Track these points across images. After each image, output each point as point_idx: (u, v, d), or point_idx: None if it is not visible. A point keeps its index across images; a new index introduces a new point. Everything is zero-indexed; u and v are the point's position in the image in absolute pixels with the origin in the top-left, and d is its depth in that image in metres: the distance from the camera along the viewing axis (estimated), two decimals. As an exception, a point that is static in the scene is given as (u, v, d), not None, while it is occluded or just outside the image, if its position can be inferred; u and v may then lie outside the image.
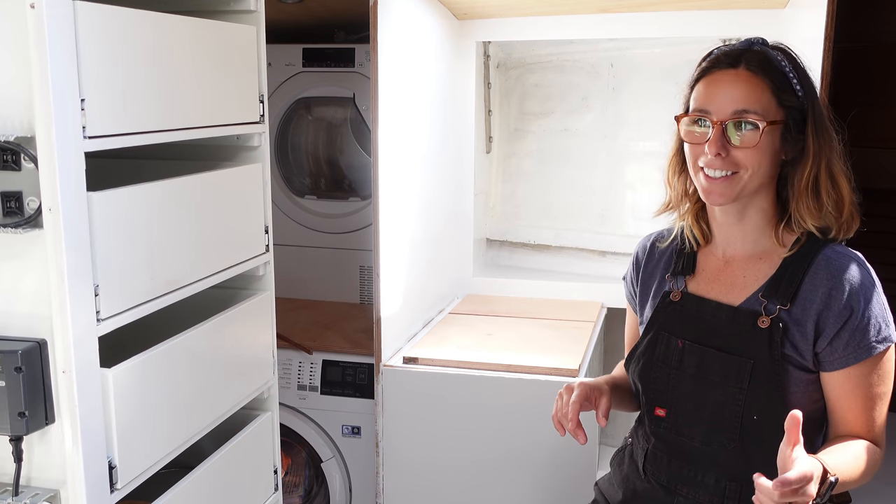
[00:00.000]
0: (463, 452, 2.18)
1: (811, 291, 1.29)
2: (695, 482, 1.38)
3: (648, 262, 1.54)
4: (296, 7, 2.75)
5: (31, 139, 1.16)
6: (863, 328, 1.27)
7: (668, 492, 1.41)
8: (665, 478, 1.42)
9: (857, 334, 1.27)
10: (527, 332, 2.46)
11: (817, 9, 1.90)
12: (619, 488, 1.53)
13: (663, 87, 2.78)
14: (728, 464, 1.33)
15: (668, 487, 1.41)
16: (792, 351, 1.29)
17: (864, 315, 1.27)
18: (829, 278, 1.29)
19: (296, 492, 2.70)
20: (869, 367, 1.28)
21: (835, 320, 1.27)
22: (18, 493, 1.24)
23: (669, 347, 1.40)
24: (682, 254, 1.47)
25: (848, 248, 1.34)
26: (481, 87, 2.89)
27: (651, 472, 1.45)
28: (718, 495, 1.35)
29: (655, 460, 1.44)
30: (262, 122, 1.76)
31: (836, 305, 1.27)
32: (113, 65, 1.27)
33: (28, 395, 1.19)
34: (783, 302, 1.29)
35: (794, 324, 1.29)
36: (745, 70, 1.30)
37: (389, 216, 2.20)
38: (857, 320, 1.27)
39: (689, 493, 1.38)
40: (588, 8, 2.53)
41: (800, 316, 1.29)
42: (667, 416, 1.40)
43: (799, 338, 1.29)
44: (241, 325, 1.72)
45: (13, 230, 1.18)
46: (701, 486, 1.37)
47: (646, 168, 2.89)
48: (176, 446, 1.47)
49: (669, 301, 1.44)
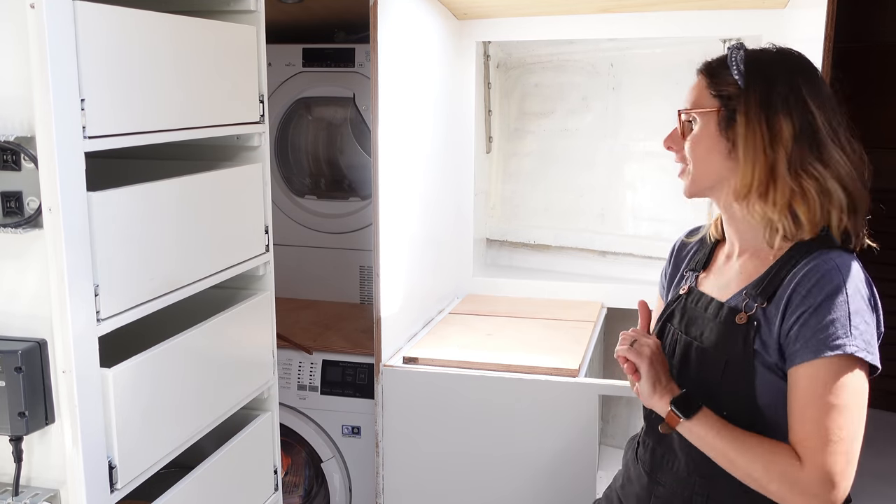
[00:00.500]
0: (463, 452, 2.18)
1: (785, 289, 1.26)
2: (671, 472, 1.39)
3: (678, 256, 1.57)
4: (296, 7, 2.75)
5: (31, 139, 1.16)
6: (818, 326, 1.20)
7: (650, 479, 1.44)
8: (649, 465, 1.44)
9: (809, 331, 1.21)
10: (527, 332, 2.46)
11: (817, 9, 1.90)
12: (622, 474, 1.56)
13: (663, 87, 2.78)
14: (699, 458, 1.33)
15: (650, 475, 1.44)
16: (761, 347, 1.27)
17: (822, 312, 1.20)
18: (803, 274, 1.25)
19: (296, 492, 2.70)
20: (818, 371, 1.20)
21: (793, 310, 1.23)
22: (18, 493, 1.24)
23: (671, 339, 1.43)
24: (701, 249, 1.51)
25: (849, 257, 1.27)
26: (481, 87, 2.89)
27: (641, 457, 1.48)
28: (689, 489, 1.36)
29: (644, 447, 1.47)
30: (262, 122, 1.76)
31: (798, 296, 1.23)
32: (113, 65, 1.27)
33: (28, 395, 1.19)
34: (761, 300, 1.28)
35: (766, 322, 1.27)
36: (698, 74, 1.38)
37: (389, 216, 2.20)
38: (814, 316, 1.21)
39: (666, 483, 1.40)
40: (588, 8, 2.53)
41: (772, 313, 1.27)
42: None
43: (767, 334, 1.27)
44: (241, 325, 1.72)
45: (13, 230, 1.18)
46: (675, 477, 1.39)
47: (646, 168, 2.89)
48: (176, 446, 1.47)
49: (678, 294, 1.47)
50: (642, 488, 1.45)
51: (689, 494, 1.36)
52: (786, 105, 1.28)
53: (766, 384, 1.27)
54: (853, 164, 1.29)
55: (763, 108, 1.28)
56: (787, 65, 1.32)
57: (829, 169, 1.27)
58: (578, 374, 2.14)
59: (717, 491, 1.32)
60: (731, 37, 2.62)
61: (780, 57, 1.34)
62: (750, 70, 1.31)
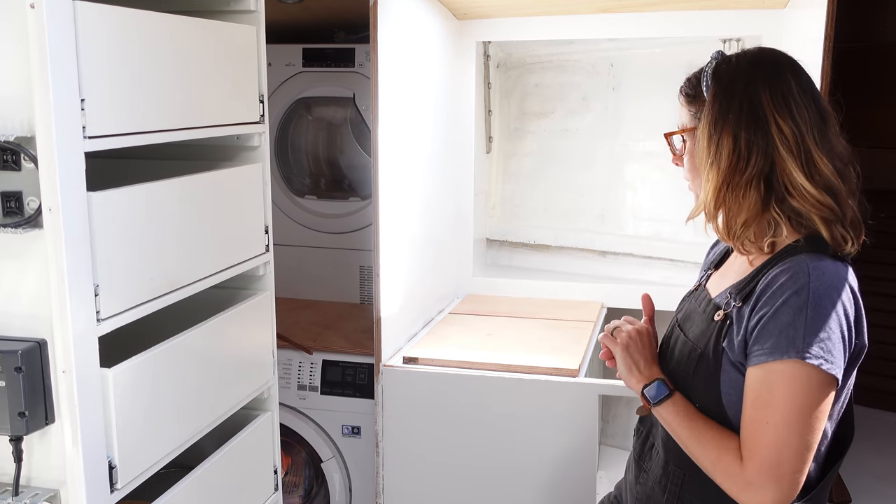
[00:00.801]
0: (463, 452, 2.18)
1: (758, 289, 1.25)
2: (655, 461, 1.42)
3: (708, 254, 1.59)
4: (296, 7, 2.75)
5: (31, 139, 1.16)
6: (774, 329, 1.18)
7: (637, 465, 1.47)
8: (638, 452, 1.47)
9: (766, 333, 1.19)
10: (527, 332, 2.46)
11: (817, 9, 1.90)
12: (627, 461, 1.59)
13: (663, 87, 2.78)
14: (674, 447, 1.35)
15: (638, 461, 1.47)
16: (728, 346, 1.27)
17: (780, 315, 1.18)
18: (775, 275, 1.22)
19: (296, 492, 2.70)
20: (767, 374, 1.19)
21: (756, 311, 1.22)
22: (18, 493, 1.24)
23: (673, 332, 1.45)
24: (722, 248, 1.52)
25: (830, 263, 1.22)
26: (481, 87, 2.89)
27: (635, 444, 1.50)
28: (666, 477, 1.38)
29: (639, 434, 1.49)
30: (262, 122, 1.76)
31: (764, 296, 1.22)
32: (113, 65, 1.27)
33: (28, 395, 1.19)
34: (738, 300, 1.28)
35: (737, 321, 1.27)
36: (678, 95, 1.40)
37: (389, 216, 2.20)
38: (773, 319, 1.19)
39: (650, 470, 1.43)
40: (588, 8, 2.53)
41: (744, 313, 1.26)
42: None
43: (735, 333, 1.27)
44: (241, 325, 1.72)
45: (13, 230, 1.18)
46: (657, 465, 1.41)
47: (646, 168, 2.89)
48: (176, 446, 1.47)
49: (689, 290, 1.50)
50: (634, 475, 1.48)
51: (665, 482, 1.38)
52: (737, 121, 1.25)
53: (729, 381, 1.27)
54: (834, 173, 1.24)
55: (714, 124, 1.26)
56: (754, 73, 1.27)
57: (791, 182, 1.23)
58: (578, 374, 2.14)
59: (690, 480, 1.34)
60: (731, 37, 2.62)
61: (749, 65, 1.29)
62: (715, 84, 1.29)
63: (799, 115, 1.24)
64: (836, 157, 1.26)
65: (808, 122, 1.25)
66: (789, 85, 1.26)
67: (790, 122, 1.24)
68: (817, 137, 1.25)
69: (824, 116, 1.27)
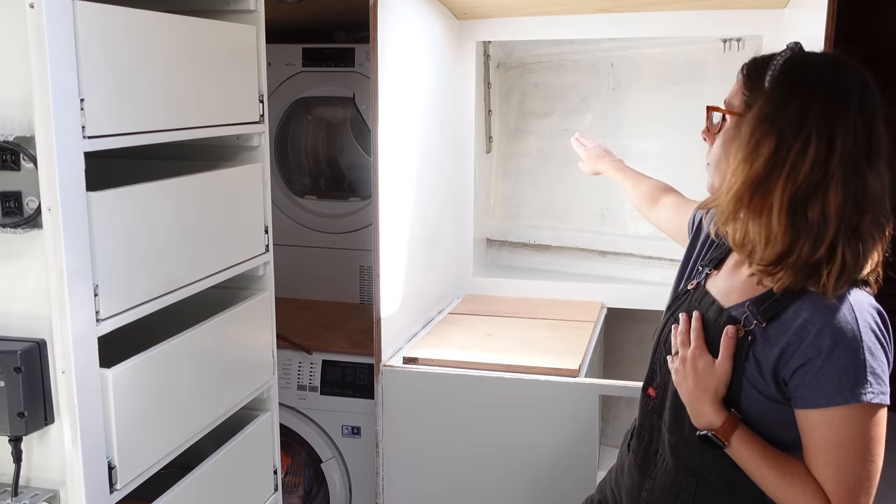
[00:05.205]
0: (463, 452, 2.18)
1: (792, 319, 1.22)
2: (662, 468, 1.40)
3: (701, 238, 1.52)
4: (296, 7, 2.74)
5: (31, 139, 1.16)
6: (831, 373, 1.16)
7: (641, 471, 1.44)
8: (642, 457, 1.44)
9: (822, 377, 1.17)
10: (527, 333, 2.46)
11: (817, 9, 1.90)
12: (616, 466, 1.57)
13: (663, 87, 2.78)
14: (687, 458, 1.33)
15: (642, 467, 1.44)
16: (753, 365, 1.25)
17: (835, 359, 1.16)
18: (812, 310, 1.20)
19: (296, 492, 2.70)
20: (833, 418, 1.17)
21: (799, 355, 1.19)
22: (18, 493, 1.24)
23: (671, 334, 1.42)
24: (720, 247, 1.45)
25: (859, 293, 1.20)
26: (481, 87, 2.89)
27: (634, 448, 1.47)
28: (676, 486, 1.36)
29: (639, 438, 1.46)
30: (262, 122, 1.76)
31: (807, 335, 1.19)
32: (113, 65, 1.27)
33: (27, 395, 1.19)
34: (761, 319, 1.25)
35: (763, 342, 1.24)
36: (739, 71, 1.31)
37: (389, 216, 2.20)
38: (827, 363, 1.17)
39: (656, 477, 1.40)
40: (588, 8, 2.53)
41: (771, 337, 1.23)
42: (656, 397, 1.42)
43: (762, 354, 1.24)
44: (241, 325, 1.72)
45: (13, 230, 1.18)
46: (665, 473, 1.39)
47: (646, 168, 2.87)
48: (176, 446, 1.47)
49: (686, 289, 1.46)
50: (634, 481, 1.45)
51: (677, 492, 1.36)
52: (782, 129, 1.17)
53: (750, 399, 1.26)
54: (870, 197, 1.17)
55: (761, 122, 1.19)
56: (819, 84, 1.18)
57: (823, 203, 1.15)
58: (578, 374, 2.14)
59: (704, 490, 1.32)
60: (731, 37, 2.62)
61: (817, 73, 1.20)
62: (780, 79, 1.21)
63: (854, 138, 1.16)
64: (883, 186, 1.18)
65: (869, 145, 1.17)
66: (855, 103, 1.17)
67: (848, 142, 1.15)
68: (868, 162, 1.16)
69: (871, 151, 1.17)
